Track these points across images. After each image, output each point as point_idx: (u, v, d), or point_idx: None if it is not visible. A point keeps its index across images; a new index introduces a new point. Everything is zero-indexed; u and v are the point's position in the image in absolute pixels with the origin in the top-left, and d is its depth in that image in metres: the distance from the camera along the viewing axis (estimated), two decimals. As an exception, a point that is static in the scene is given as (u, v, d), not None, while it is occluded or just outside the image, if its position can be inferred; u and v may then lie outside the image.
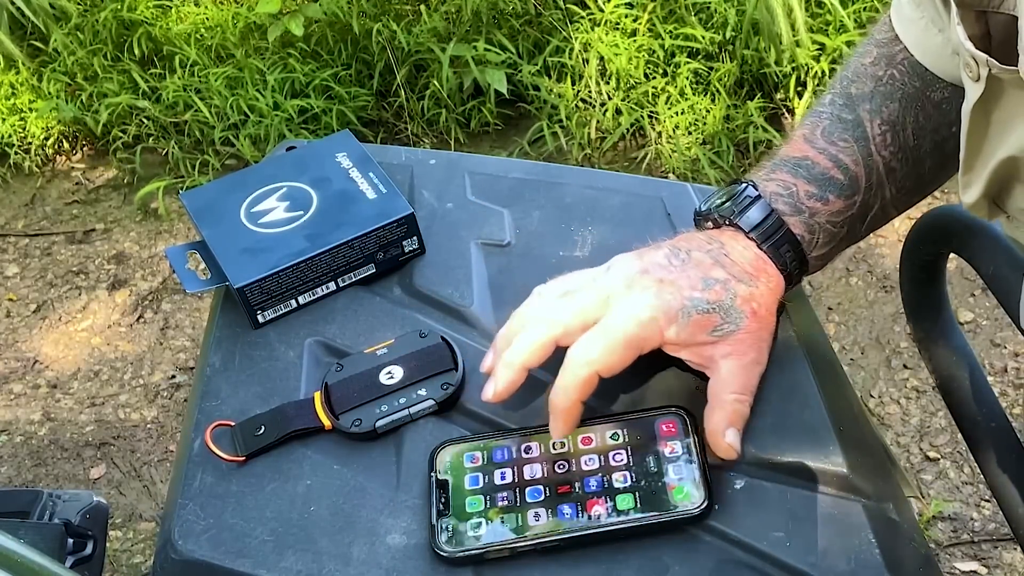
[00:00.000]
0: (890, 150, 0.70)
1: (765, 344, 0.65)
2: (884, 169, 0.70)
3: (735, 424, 0.62)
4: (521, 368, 0.63)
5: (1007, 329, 1.98)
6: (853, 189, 0.69)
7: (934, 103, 0.70)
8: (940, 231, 0.79)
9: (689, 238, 0.67)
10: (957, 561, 1.67)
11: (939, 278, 0.83)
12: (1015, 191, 0.59)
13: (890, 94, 0.70)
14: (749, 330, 0.64)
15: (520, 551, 0.59)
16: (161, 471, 1.97)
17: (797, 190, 0.68)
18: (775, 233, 0.66)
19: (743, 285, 0.64)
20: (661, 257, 0.65)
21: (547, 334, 0.62)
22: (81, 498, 0.69)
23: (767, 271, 0.66)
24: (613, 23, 2.48)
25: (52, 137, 2.69)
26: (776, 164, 0.70)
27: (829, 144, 0.70)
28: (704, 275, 0.64)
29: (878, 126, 0.70)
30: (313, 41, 2.60)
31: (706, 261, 0.65)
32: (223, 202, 0.79)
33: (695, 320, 0.62)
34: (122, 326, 2.27)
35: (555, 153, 2.46)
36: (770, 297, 0.66)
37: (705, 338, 0.63)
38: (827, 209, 0.68)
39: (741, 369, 0.63)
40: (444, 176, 0.85)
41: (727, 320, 0.63)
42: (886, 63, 0.71)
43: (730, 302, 0.63)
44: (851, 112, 0.71)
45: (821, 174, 0.69)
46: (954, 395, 0.81)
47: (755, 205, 0.67)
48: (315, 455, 0.66)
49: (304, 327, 0.74)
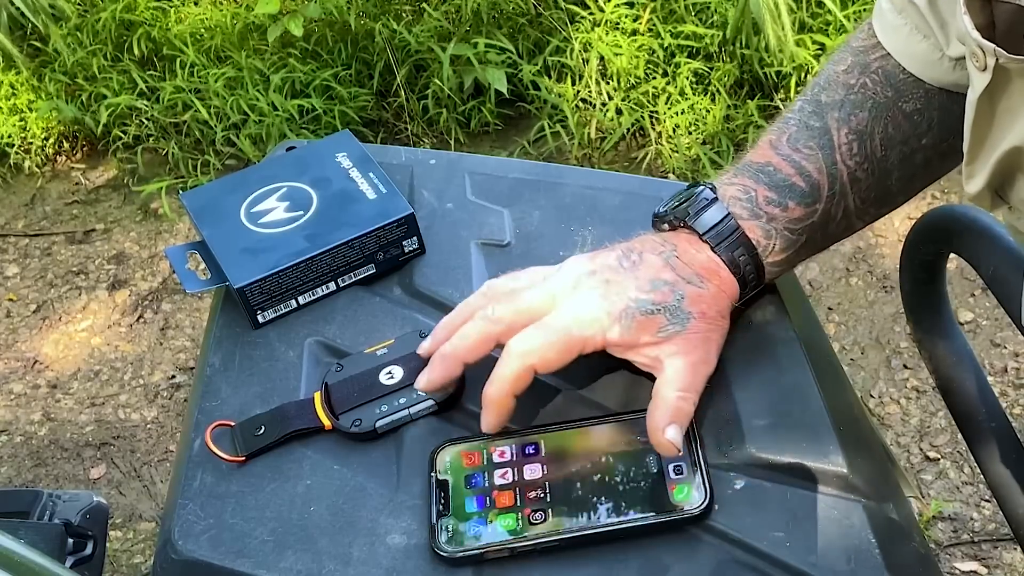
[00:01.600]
0: (856, 159, 0.69)
1: (714, 345, 0.65)
2: (848, 178, 0.69)
3: (677, 421, 0.61)
4: (458, 361, 0.63)
5: (1007, 329, 1.98)
6: (814, 197, 0.68)
7: (905, 114, 0.70)
8: (940, 231, 0.79)
9: (643, 240, 0.67)
10: (957, 561, 1.67)
11: (939, 278, 0.83)
12: (1018, 182, 0.58)
13: (860, 103, 0.70)
14: (696, 330, 0.63)
15: (520, 551, 0.59)
16: (161, 471, 1.97)
17: (756, 195, 0.68)
18: (729, 236, 0.66)
19: (691, 287, 0.64)
20: (612, 259, 0.65)
21: (488, 329, 0.63)
22: (81, 498, 0.68)
23: (719, 274, 0.65)
24: (613, 23, 2.48)
25: (52, 137, 2.69)
26: (739, 169, 0.70)
27: (793, 151, 0.69)
28: (652, 277, 0.64)
29: (845, 135, 0.69)
30: (313, 41, 2.60)
31: (656, 263, 0.65)
32: (223, 202, 0.79)
33: (639, 321, 0.62)
34: (122, 326, 2.27)
35: (555, 153, 2.46)
36: (721, 300, 0.65)
37: (650, 339, 0.62)
38: (785, 215, 0.68)
39: (686, 367, 0.62)
40: (444, 176, 0.85)
41: (672, 321, 0.63)
42: (859, 71, 0.71)
43: (676, 303, 0.63)
44: (819, 119, 0.70)
45: (782, 180, 0.68)
46: (954, 395, 0.81)
47: (711, 208, 0.66)
48: (315, 455, 0.66)
49: (304, 327, 0.75)
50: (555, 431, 0.65)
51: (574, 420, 0.65)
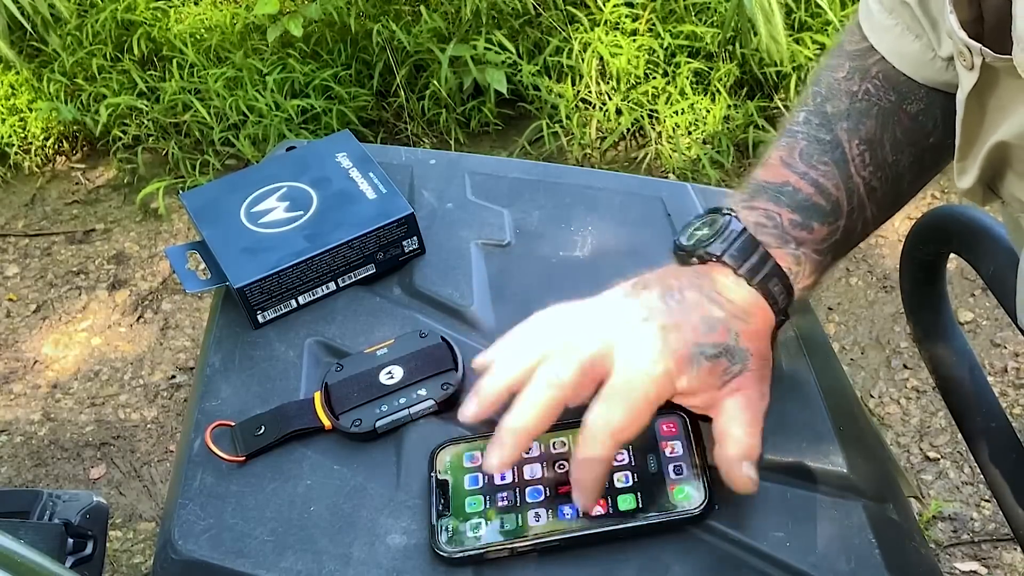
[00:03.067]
0: (869, 170, 0.68)
1: (767, 381, 0.63)
2: (865, 190, 0.68)
3: (750, 457, 0.59)
4: (528, 436, 0.59)
5: (1007, 329, 1.98)
6: (836, 215, 0.67)
7: (911, 115, 0.69)
8: (940, 231, 0.79)
9: (677, 274, 0.64)
10: (957, 561, 1.67)
11: (939, 278, 0.83)
12: (1007, 177, 0.58)
13: (866, 111, 0.69)
14: (753, 368, 0.61)
15: (520, 551, 0.59)
16: (161, 471, 1.97)
17: (781, 219, 0.66)
18: (763, 268, 0.63)
19: (741, 323, 0.62)
20: (656, 299, 0.61)
21: (555, 396, 0.59)
22: (81, 498, 0.68)
23: (758, 305, 0.63)
24: (613, 23, 2.48)
25: (52, 137, 2.69)
26: (755, 190, 0.68)
27: (809, 168, 0.67)
28: (704, 316, 0.61)
29: (856, 146, 0.68)
30: (312, 41, 2.60)
31: (702, 302, 0.62)
32: (223, 202, 0.79)
33: (705, 368, 0.60)
34: (122, 326, 2.27)
35: (555, 153, 2.46)
36: (766, 333, 0.64)
37: (716, 383, 0.60)
38: (812, 238, 0.66)
39: (748, 404, 0.60)
40: (444, 176, 0.85)
41: (733, 362, 0.60)
42: (860, 77, 0.69)
43: (734, 342, 0.61)
44: (828, 132, 0.68)
45: (804, 200, 0.66)
46: (954, 395, 0.81)
47: (740, 239, 0.64)
48: (315, 455, 0.66)
49: (304, 327, 0.74)
50: (555, 431, 0.65)
51: (574, 420, 0.65)
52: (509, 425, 0.58)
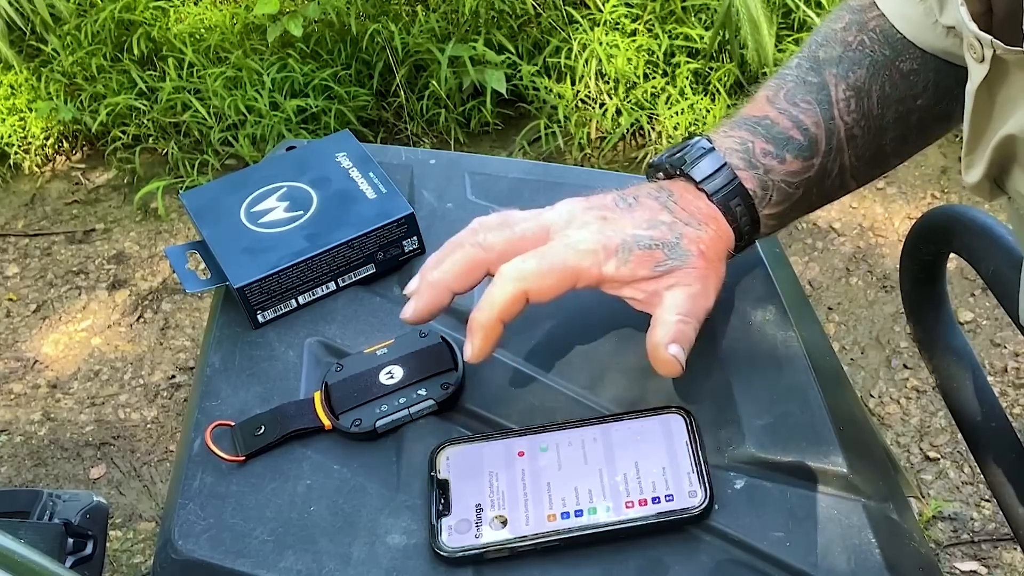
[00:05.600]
0: (853, 116, 0.69)
1: (712, 284, 0.64)
2: (845, 134, 0.69)
3: (678, 340, 0.60)
4: (446, 288, 0.62)
5: (1007, 329, 1.98)
6: (812, 151, 0.68)
7: (902, 73, 0.70)
8: (940, 231, 0.79)
9: (639, 187, 0.67)
10: (957, 561, 1.67)
11: (939, 278, 0.83)
12: (1014, 172, 0.58)
13: (858, 60, 0.70)
14: (695, 266, 0.62)
15: (520, 551, 0.59)
16: (161, 471, 1.97)
17: (753, 147, 0.67)
18: (726, 185, 0.65)
19: (690, 228, 0.64)
20: (608, 200, 0.65)
21: (478, 256, 0.62)
22: (81, 498, 0.69)
23: (716, 219, 0.65)
24: (612, 23, 2.48)
25: (52, 137, 2.69)
26: (735, 122, 0.70)
27: (791, 105, 0.69)
28: (650, 217, 0.63)
29: (843, 91, 0.69)
30: (312, 41, 2.60)
31: (654, 206, 0.64)
32: (223, 202, 0.79)
33: (636, 255, 0.61)
34: (122, 326, 2.27)
35: (554, 153, 2.46)
36: (718, 244, 0.65)
37: (647, 273, 0.62)
38: (783, 168, 0.68)
39: (686, 297, 0.62)
40: (444, 176, 0.85)
41: (671, 256, 0.62)
42: (857, 29, 0.71)
43: (675, 240, 0.63)
44: (816, 75, 0.70)
45: (780, 133, 0.68)
46: (954, 395, 0.81)
47: (707, 157, 0.66)
48: (315, 455, 0.66)
49: (304, 327, 0.74)
50: (555, 431, 0.65)
51: (574, 420, 0.65)
52: (430, 277, 0.63)
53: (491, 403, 0.68)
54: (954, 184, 2.28)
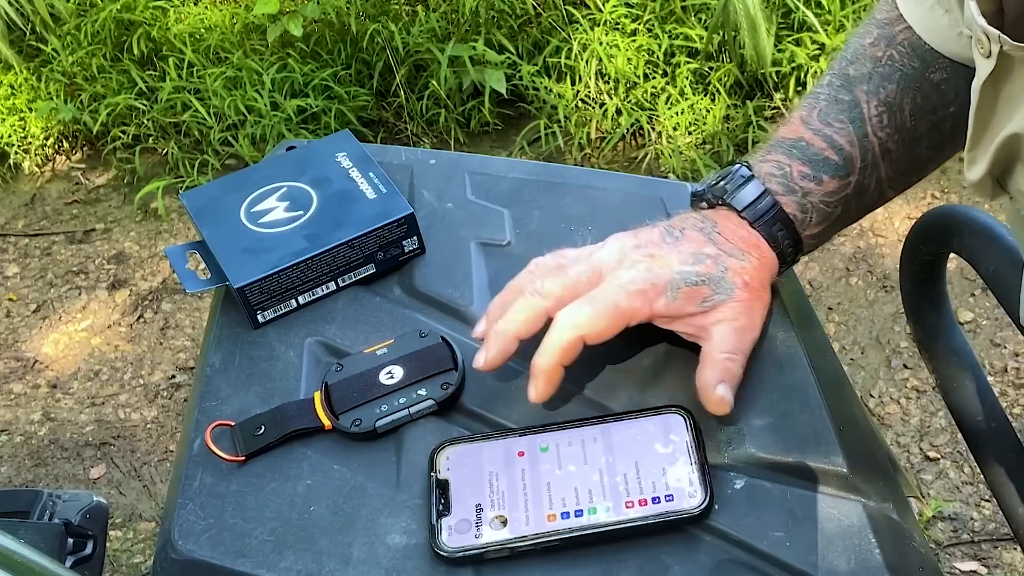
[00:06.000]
0: (886, 131, 0.71)
1: (758, 313, 0.66)
2: (880, 150, 0.71)
3: (726, 380, 0.63)
4: (512, 337, 0.64)
5: (1007, 329, 1.98)
6: (848, 169, 0.70)
7: (932, 84, 0.71)
8: (940, 231, 0.79)
9: (684, 218, 0.69)
10: (957, 561, 1.67)
11: (939, 278, 0.83)
12: (1017, 170, 0.58)
13: (888, 75, 0.71)
14: (740, 299, 0.65)
15: (520, 551, 0.59)
16: (161, 471, 1.97)
17: (791, 170, 0.69)
18: (767, 212, 0.68)
19: (734, 259, 0.66)
20: (655, 235, 0.67)
21: (538, 305, 0.64)
22: (81, 498, 0.69)
23: (759, 247, 0.67)
24: (612, 23, 2.48)
25: (52, 137, 2.69)
26: (772, 146, 0.71)
27: (824, 125, 0.70)
28: (695, 250, 0.65)
29: (875, 107, 0.70)
30: (312, 41, 2.60)
31: (698, 238, 0.66)
32: (223, 202, 0.79)
33: (684, 292, 0.64)
34: (122, 326, 2.27)
35: (554, 153, 2.46)
36: (762, 272, 0.67)
37: (695, 308, 0.64)
38: (821, 189, 0.69)
39: (732, 332, 0.64)
40: (444, 176, 0.85)
41: (717, 291, 0.64)
42: (886, 44, 0.71)
43: (720, 274, 0.64)
44: (848, 93, 0.71)
45: (815, 154, 0.70)
46: (954, 395, 0.81)
47: (748, 185, 0.68)
48: (315, 455, 0.66)
49: (304, 327, 0.74)
50: (555, 431, 0.65)
51: (574, 420, 0.65)
52: (496, 328, 0.65)
53: (491, 403, 0.68)
54: (954, 184, 2.28)
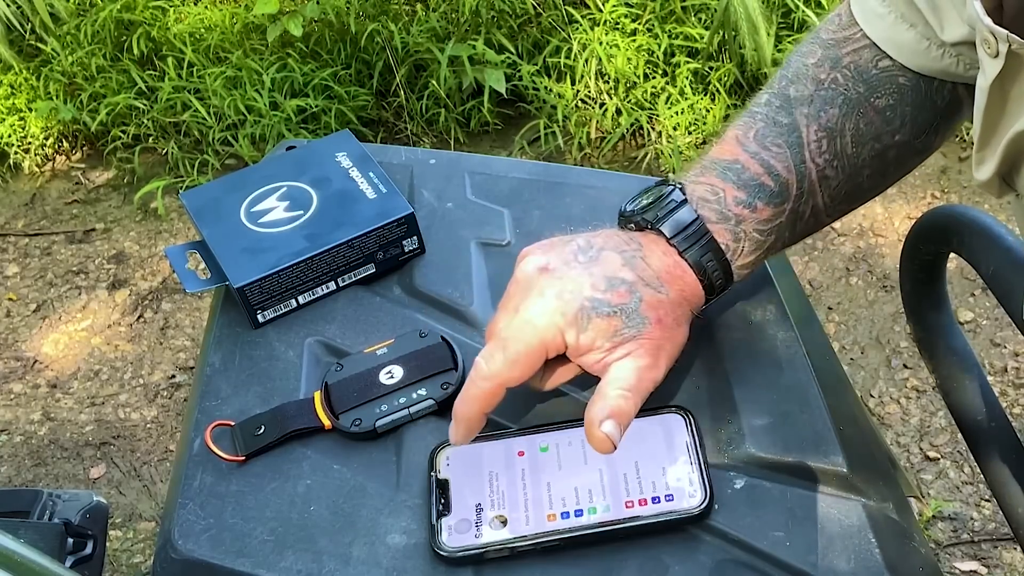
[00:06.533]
0: (824, 157, 0.68)
1: (664, 355, 0.62)
2: (817, 176, 0.68)
3: (615, 417, 0.58)
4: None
5: (1007, 329, 1.98)
6: (783, 197, 0.67)
7: (877, 109, 0.68)
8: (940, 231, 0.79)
9: (607, 235, 0.65)
10: (957, 561, 1.67)
11: (939, 278, 0.83)
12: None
13: (831, 99, 0.68)
14: (650, 336, 0.61)
15: (520, 551, 0.59)
16: (161, 471, 1.97)
17: (725, 195, 0.65)
18: (698, 241, 0.64)
19: (650, 290, 0.62)
20: (568, 252, 0.63)
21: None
22: (81, 498, 0.68)
23: (684, 279, 0.64)
24: (612, 23, 2.48)
25: (52, 137, 2.69)
26: (706, 166, 0.68)
27: (761, 148, 0.67)
28: (610, 275, 0.62)
29: (814, 132, 0.67)
30: (312, 41, 2.60)
31: (616, 261, 0.63)
32: (223, 202, 0.79)
33: (595, 324, 0.60)
34: (122, 326, 2.27)
35: (554, 153, 2.46)
36: (680, 307, 0.63)
37: (604, 342, 0.60)
38: (755, 216, 0.66)
39: (633, 370, 0.60)
40: (444, 176, 0.85)
41: (628, 324, 0.61)
42: (830, 65, 0.69)
43: (634, 306, 0.61)
44: (787, 115, 0.68)
45: (751, 179, 0.66)
46: (954, 395, 0.81)
47: (680, 210, 0.65)
48: (315, 455, 0.66)
49: (304, 327, 0.74)
50: (555, 431, 0.65)
51: (574, 420, 0.65)
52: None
53: (491, 403, 0.68)
54: (954, 184, 2.28)
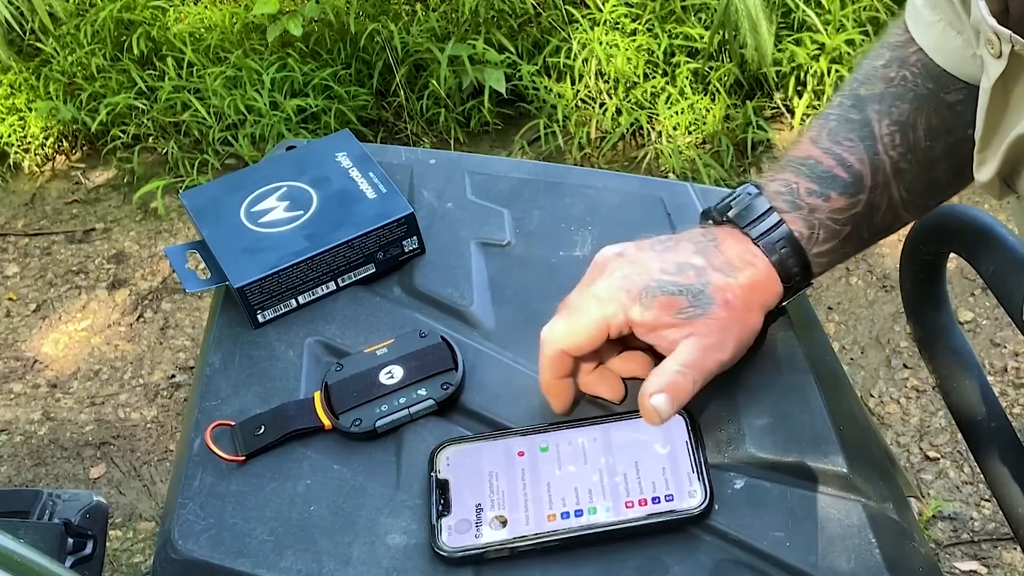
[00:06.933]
0: (898, 150, 0.69)
1: (732, 336, 0.63)
2: (891, 169, 0.69)
3: (669, 392, 0.60)
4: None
5: (1007, 329, 1.98)
6: (857, 187, 0.69)
7: (948, 105, 0.70)
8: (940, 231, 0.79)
9: (688, 231, 0.68)
10: (957, 561, 1.67)
11: (939, 278, 0.83)
12: None
13: (901, 95, 0.70)
14: (716, 317, 0.62)
15: (520, 551, 0.59)
16: (161, 471, 1.97)
17: (798, 187, 0.68)
18: (771, 229, 0.66)
19: (720, 274, 0.64)
20: (646, 243, 0.66)
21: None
22: (81, 498, 0.68)
23: (755, 264, 0.65)
24: (612, 23, 2.48)
25: (52, 137, 2.69)
26: (781, 166, 0.70)
27: (834, 144, 0.69)
28: (680, 261, 0.64)
29: (886, 126, 0.69)
30: (312, 41, 2.60)
31: (689, 249, 0.65)
32: (223, 202, 0.79)
33: (659, 300, 0.62)
34: (122, 326, 2.27)
35: (554, 153, 2.46)
36: (751, 292, 0.65)
37: (670, 320, 0.62)
38: (828, 206, 0.68)
39: (696, 348, 0.62)
40: (444, 176, 0.85)
41: (694, 304, 0.62)
42: (898, 65, 0.71)
43: (701, 287, 0.63)
44: (859, 112, 0.70)
45: (824, 172, 0.68)
46: (954, 395, 0.81)
47: (754, 202, 0.67)
48: (315, 455, 0.66)
49: (304, 327, 0.74)
50: (555, 431, 0.65)
51: (574, 420, 0.65)
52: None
53: (491, 403, 0.68)
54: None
